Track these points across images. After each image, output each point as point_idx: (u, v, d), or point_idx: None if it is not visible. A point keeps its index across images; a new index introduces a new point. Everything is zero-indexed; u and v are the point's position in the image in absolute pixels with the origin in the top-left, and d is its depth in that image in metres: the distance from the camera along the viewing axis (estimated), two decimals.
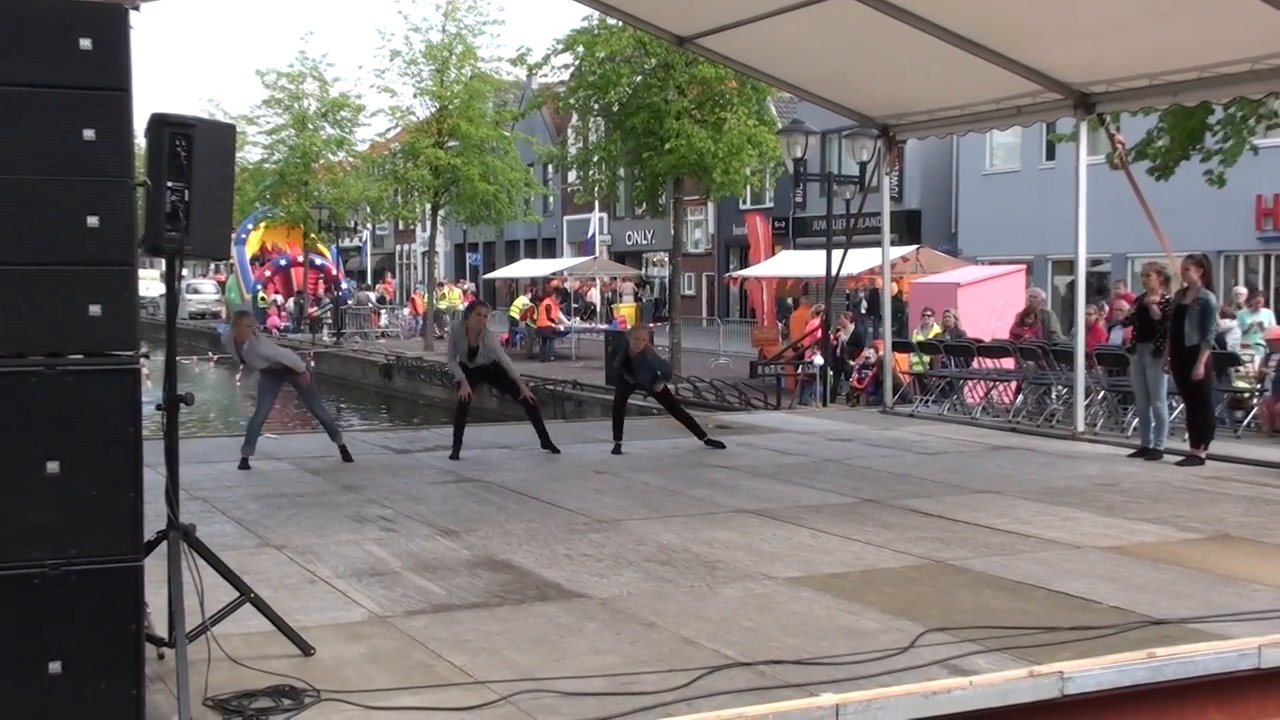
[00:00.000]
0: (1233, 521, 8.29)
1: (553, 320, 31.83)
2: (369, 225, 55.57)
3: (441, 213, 35.26)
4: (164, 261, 4.95)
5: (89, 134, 4.27)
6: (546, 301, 32.78)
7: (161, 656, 4.98)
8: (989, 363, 15.56)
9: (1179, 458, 10.90)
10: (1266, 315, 16.11)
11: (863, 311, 26.06)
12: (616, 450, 11.54)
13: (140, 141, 4.80)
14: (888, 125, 14.62)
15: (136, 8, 10.64)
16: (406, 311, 43.72)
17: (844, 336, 20.17)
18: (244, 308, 14.70)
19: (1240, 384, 13.56)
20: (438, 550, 7.34)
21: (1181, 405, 11.64)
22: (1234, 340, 14.34)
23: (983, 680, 4.88)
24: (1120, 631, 5.52)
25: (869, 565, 6.98)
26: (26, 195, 4.23)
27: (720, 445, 11.78)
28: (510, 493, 9.37)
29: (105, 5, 4.46)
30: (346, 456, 10.74)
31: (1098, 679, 5.01)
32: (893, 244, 17.57)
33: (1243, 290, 17.46)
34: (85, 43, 4.25)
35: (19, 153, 4.22)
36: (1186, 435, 11.20)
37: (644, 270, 48.57)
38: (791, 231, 38.65)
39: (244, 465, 10.42)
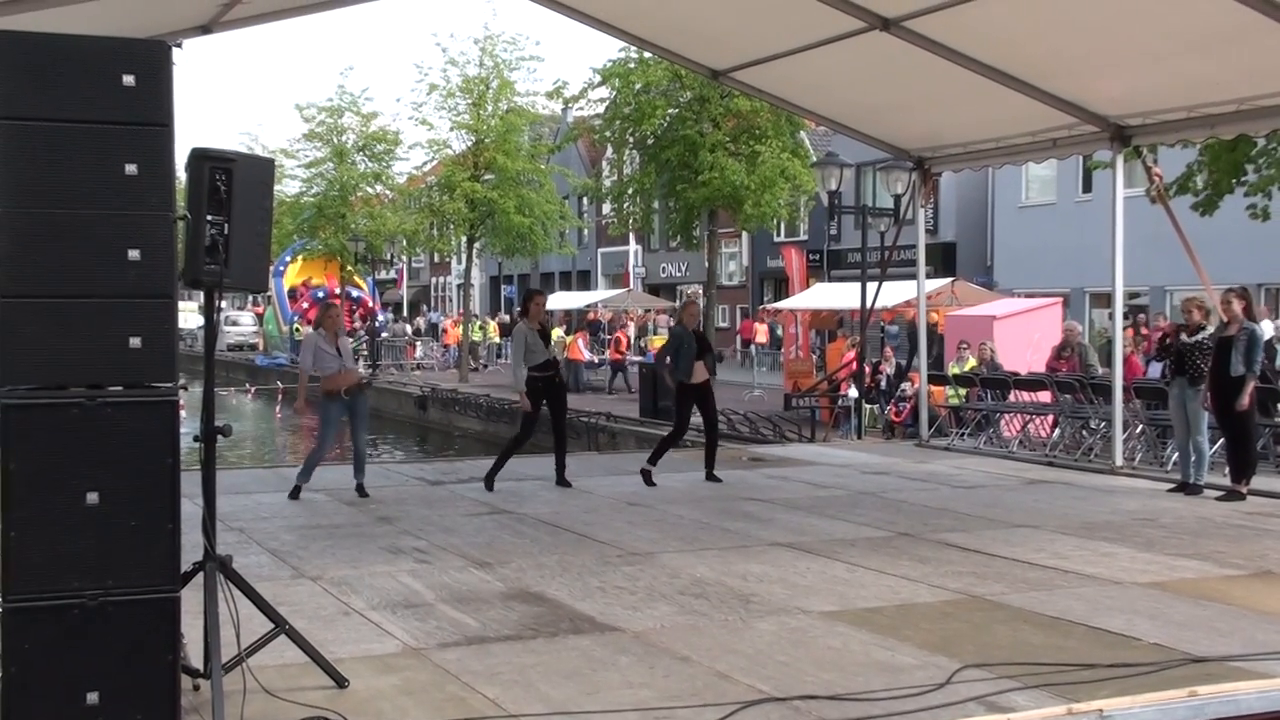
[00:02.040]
0: (1276, 558, 8.16)
1: (579, 357, 31.85)
2: (404, 258, 55.98)
3: (477, 245, 35.48)
4: (203, 294, 5.00)
5: (131, 168, 4.34)
6: (576, 336, 32.91)
7: (197, 688, 5.00)
8: (1025, 396, 15.45)
9: (1220, 492, 10.77)
10: None
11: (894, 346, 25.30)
12: (648, 480, 11.49)
13: (181, 176, 4.87)
14: (922, 158, 14.61)
15: (179, 45, 10.89)
16: (438, 344, 43.91)
17: (888, 369, 20.11)
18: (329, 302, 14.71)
19: None
20: (471, 582, 7.35)
21: (1222, 439, 11.51)
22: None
23: (1021, 717, 4.83)
24: (1161, 669, 5.45)
25: (905, 600, 6.93)
26: (69, 228, 4.30)
27: (718, 480, 11.67)
28: (544, 525, 9.37)
29: (148, 42, 4.54)
30: (362, 493, 10.65)
31: (1138, 717, 4.94)
32: (928, 276, 17.50)
33: None
34: (128, 79, 4.33)
35: (62, 186, 4.29)
36: (1227, 470, 11.07)
37: (678, 302, 48.62)
38: (826, 264, 38.61)
39: (295, 495, 10.45)
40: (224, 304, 5.13)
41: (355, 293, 44.46)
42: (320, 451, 10.81)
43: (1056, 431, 14.74)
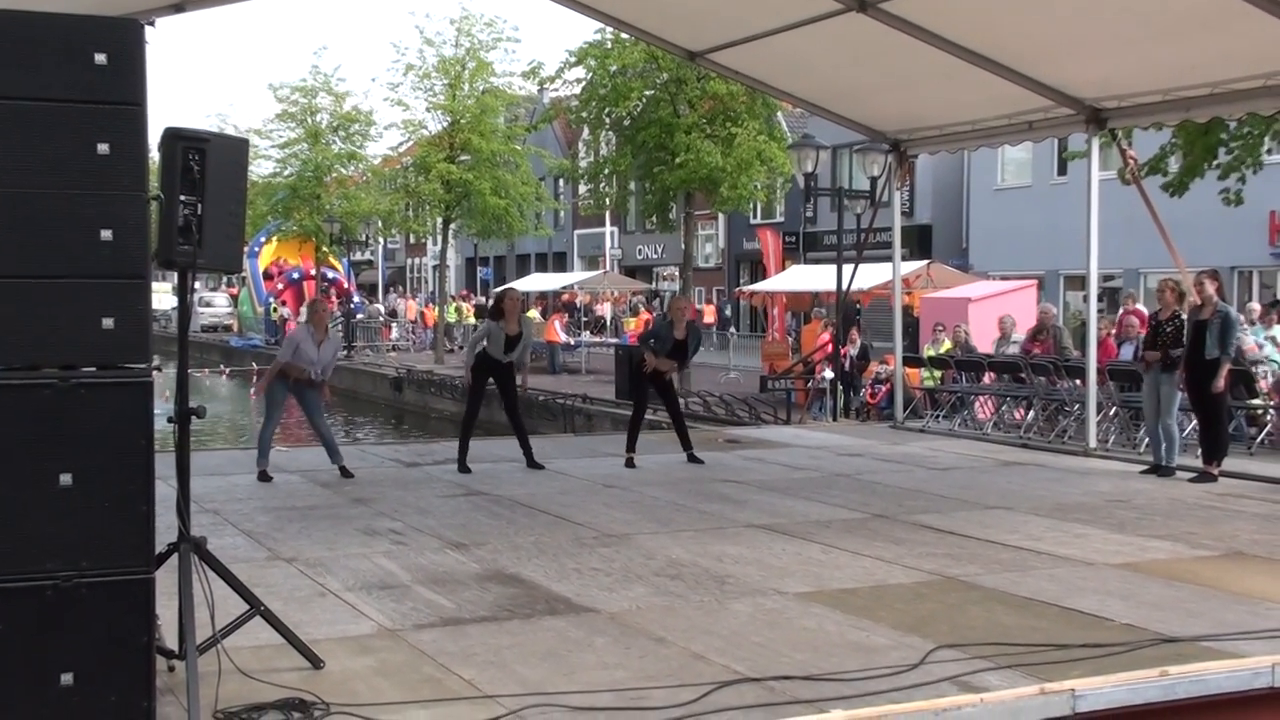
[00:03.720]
0: (1246, 539, 8.25)
1: (556, 339, 31.84)
2: (380, 239, 55.73)
3: (453, 226, 35.34)
4: (177, 275, 4.96)
5: (103, 148, 4.30)
6: (553, 317, 32.91)
7: (172, 669, 4.99)
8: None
9: (1192, 474, 10.86)
10: None
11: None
12: (630, 464, 11.53)
13: (154, 155, 4.83)
14: (899, 140, 14.63)
15: (151, 23, 10.78)
16: (407, 316, 43.84)
17: (852, 351, 20.16)
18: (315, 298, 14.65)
19: (1257, 401, 13.50)
20: (447, 564, 7.34)
21: (1195, 421, 11.60)
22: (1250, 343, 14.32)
23: (993, 698, 4.87)
24: (1132, 649, 5.50)
25: (879, 581, 6.96)
26: (41, 208, 4.26)
27: (699, 461, 11.73)
28: (519, 506, 9.37)
29: (120, 21, 4.49)
30: (346, 474, 10.70)
31: (1109, 697, 4.98)
32: (904, 259, 17.54)
33: (1257, 306, 17.40)
34: (100, 58, 4.29)
35: (34, 166, 4.25)
36: (1200, 451, 11.16)
37: (654, 284, 48.61)
38: (802, 246, 38.62)
39: (264, 477, 10.43)
40: (198, 285, 5.09)
41: (330, 274, 44.26)
42: (266, 430, 10.82)
43: (1030, 413, 14.83)
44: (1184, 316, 10.99)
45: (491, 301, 12.14)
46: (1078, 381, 13.81)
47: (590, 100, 25.87)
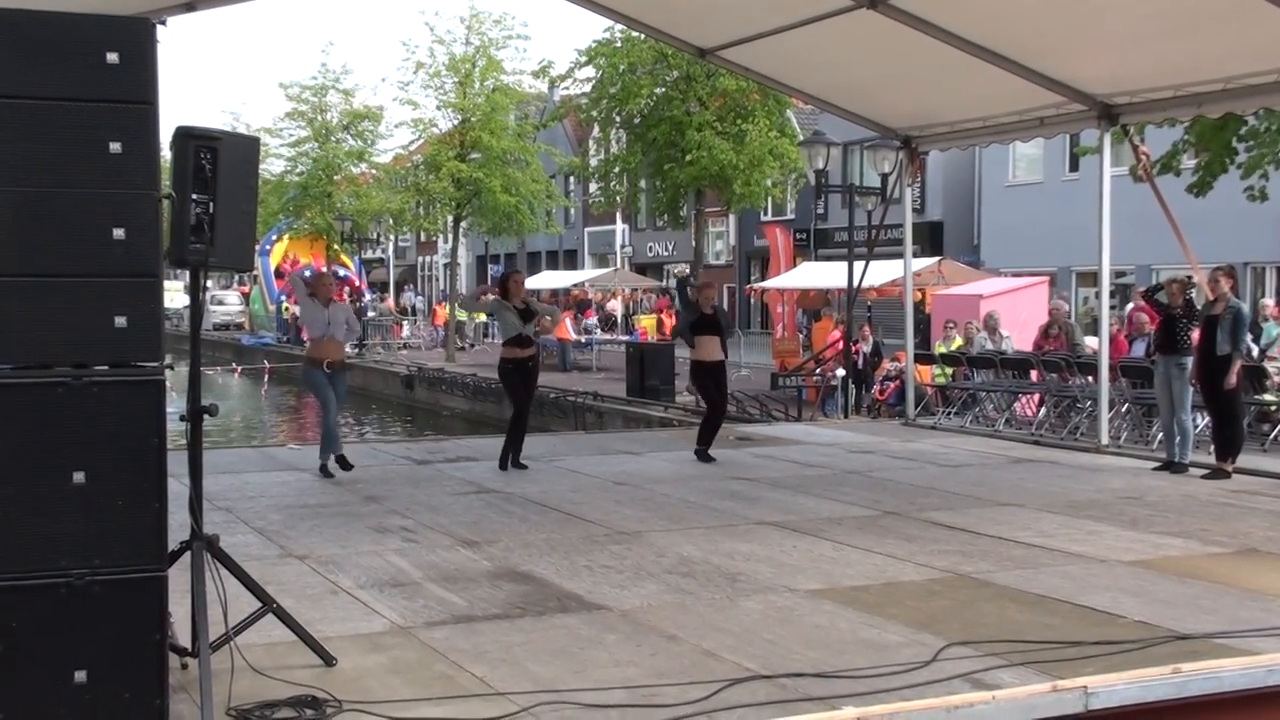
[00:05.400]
0: (1260, 536, 8.22)
1: (567, 336, 31.81)
2: (391, 237, 55.81)
3: (463, 224, 35.36)
4: (188, 273, 4.98)
5: (115, 147, 4.31)
6: (564, 315, 32.90)
7: (185, 666, 5.00)
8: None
9: (1205, 471, 10.82)
10: None
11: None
12: (706, 458, 11.61)
13: (166, 154, 4.84)
14: (909, 136, 14.60)
15: (163, 22, 10.79)
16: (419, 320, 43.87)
17: (865, 348, 20.13)
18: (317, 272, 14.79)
19: (1268, 397, 13.46)
20: (458, 561, 7.35)
21: (1208, 418, 11.56)
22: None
23: (1006, 695, 4.86)
24: (1145, 647, 5.48)
25: (891, 578, 6.96)
26: (53, 207, 4.27)
27: (711, 459, 11.71)
28: (531, 504, 9.38)
29: (132, 20, 4.50)
30: (326, 472, 10.65)
31: (1122, 694, 4.97)
32: (915, 255, 17.51)
33: (1270, 302, 17.33)
34: (112, 57, 4.30)
35: (46, 165, 4.26)
36: (1213, 448, 11.12)
37: (665, 281, 48.59)
38: (813, 243, 38.57)
39: (338, 465, 10.54)
40: (210, 283, 5.11)
41: (342, 271, 44.29)
42: (328, 419, 10.92)
43: (1042, 410, 14.79)
44: (1192, 303, 11.01)
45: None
46: (1090, 378, 13.77)
47: (600, 98, 25.92)
